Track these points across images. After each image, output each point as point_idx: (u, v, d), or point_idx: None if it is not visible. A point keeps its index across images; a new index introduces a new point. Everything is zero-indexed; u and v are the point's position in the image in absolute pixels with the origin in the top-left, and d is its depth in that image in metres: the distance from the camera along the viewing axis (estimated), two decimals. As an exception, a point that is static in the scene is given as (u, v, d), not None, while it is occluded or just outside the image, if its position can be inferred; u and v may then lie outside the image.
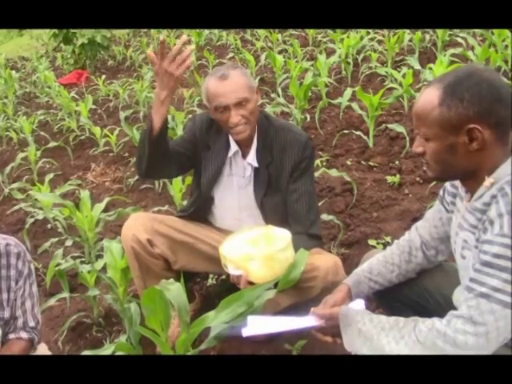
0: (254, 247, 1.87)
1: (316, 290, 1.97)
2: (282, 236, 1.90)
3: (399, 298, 1.68)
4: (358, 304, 1.63)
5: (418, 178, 3.45)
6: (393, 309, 1.67)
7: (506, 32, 5.41)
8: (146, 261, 2.10)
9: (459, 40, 5.88)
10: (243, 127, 2.04)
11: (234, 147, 2.16)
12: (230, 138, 2.15)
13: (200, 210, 2.28)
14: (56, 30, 8.73)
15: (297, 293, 1.97)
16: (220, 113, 2.03)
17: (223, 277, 2.61)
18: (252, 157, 2.14)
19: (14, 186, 4.05)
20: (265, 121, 2.15)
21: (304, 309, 1.66)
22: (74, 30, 8.47)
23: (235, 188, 2.20)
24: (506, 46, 5.29)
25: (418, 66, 5.15)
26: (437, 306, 1.62)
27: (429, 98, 1.33)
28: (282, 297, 1.93)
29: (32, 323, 1.78)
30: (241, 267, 1.85)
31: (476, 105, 1.27)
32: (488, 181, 1.32)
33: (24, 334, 1.76)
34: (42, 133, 5.49)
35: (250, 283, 1.82)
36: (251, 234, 1.94)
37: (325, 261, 2.03)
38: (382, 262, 1.70)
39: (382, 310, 1.69)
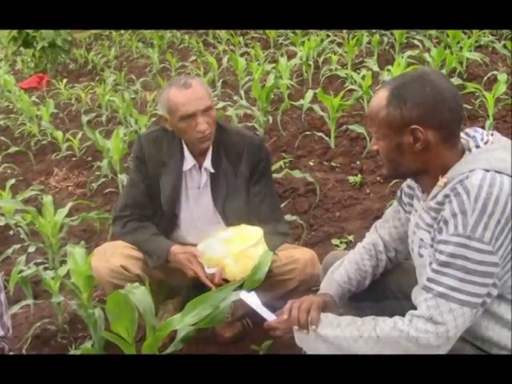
0: (229, 246, 1.91)
1: (294, 283, 2.00)
2: (253, 233, 1.94)
3: (359, 296, 1.68)
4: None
5: (378, 178, 3.50)
6: (352, 307, 1.68)
7: (460, 34, 5.55)
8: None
9: (416, 42, 6.00)
10: (210, 135, 2.02)
11: (190, 161, 2.12)
12: (186, 151, 2.11)
13: (166, 228, 2.20)
14: (15, 34, 8.50)
15: (275, 285, 1.98)
16: (186, 122, 1.98)
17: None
18: (208, 163, 2.11)
19: (-26, 192, 3.93)
20: (217, 127, 2.10)
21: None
22: (34, 34, 8.27)
23: (190, 201, 2.17)
24: (461, 48, 5.43)
25: (376, 68, 5.23)
26: (396, 302, 1.64)
27: (378, 99, 1.37)
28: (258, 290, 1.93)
29: (1, 332, 1.73)
30: (216, 265, 1.88)
31: (418, 107, 1.31)
32: (441, 181, 1.34)
33: None
34: (3, 138, 5.33)
35: (225, 281, 1.84)
36: (226, 234, 1.99)
37: (303, 253, 2.06)
38: (357, 270, 1.66)
39: (342, 309, 1.70)
